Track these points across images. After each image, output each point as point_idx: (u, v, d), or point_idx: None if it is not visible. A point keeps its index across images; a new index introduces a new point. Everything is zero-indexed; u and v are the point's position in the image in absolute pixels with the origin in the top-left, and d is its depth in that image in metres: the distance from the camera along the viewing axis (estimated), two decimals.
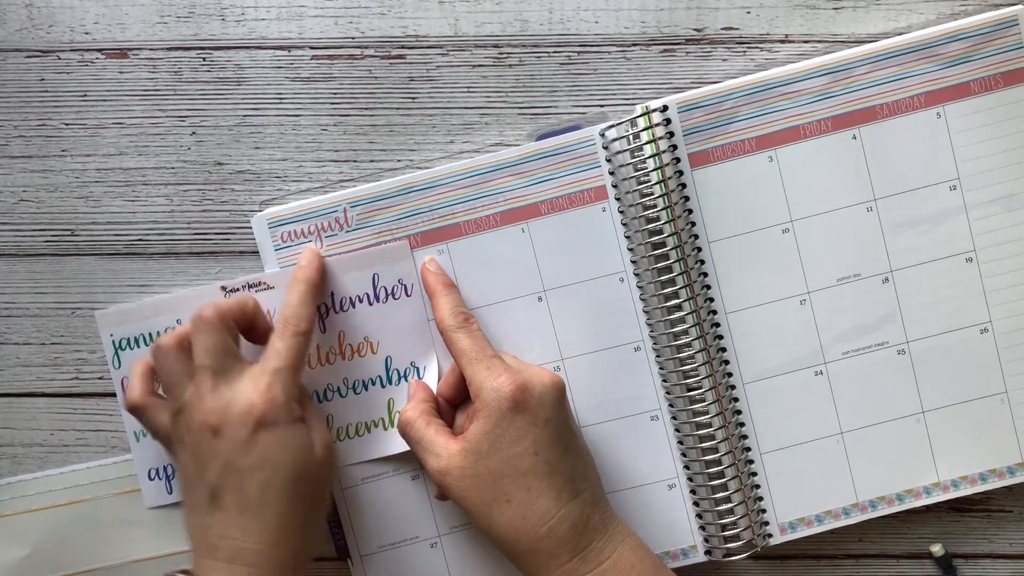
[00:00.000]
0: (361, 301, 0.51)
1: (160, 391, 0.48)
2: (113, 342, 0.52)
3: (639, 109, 0.50)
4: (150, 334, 0.52)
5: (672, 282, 0.50)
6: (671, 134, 0.50)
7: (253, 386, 0.44)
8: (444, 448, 0.46)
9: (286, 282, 0.50)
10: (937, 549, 0.53)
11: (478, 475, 0.45)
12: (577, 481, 0.45)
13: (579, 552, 0.44)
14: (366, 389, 0.51)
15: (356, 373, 0.51)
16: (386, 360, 0.51)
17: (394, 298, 0.51)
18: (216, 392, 0.44)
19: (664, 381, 0.51)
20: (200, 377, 0.45)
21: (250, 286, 0.51)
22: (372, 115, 0.52)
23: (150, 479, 0.52)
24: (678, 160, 0.50)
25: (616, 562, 0.45)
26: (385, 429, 0.51)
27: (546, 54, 0.52)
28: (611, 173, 0.51)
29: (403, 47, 0.52)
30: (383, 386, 0.51)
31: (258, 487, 0.43)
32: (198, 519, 0.44)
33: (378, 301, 0.51)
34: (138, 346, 0.52)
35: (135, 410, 0.48)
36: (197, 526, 0.44)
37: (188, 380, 0.45)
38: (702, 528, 0.52)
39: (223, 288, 0.51)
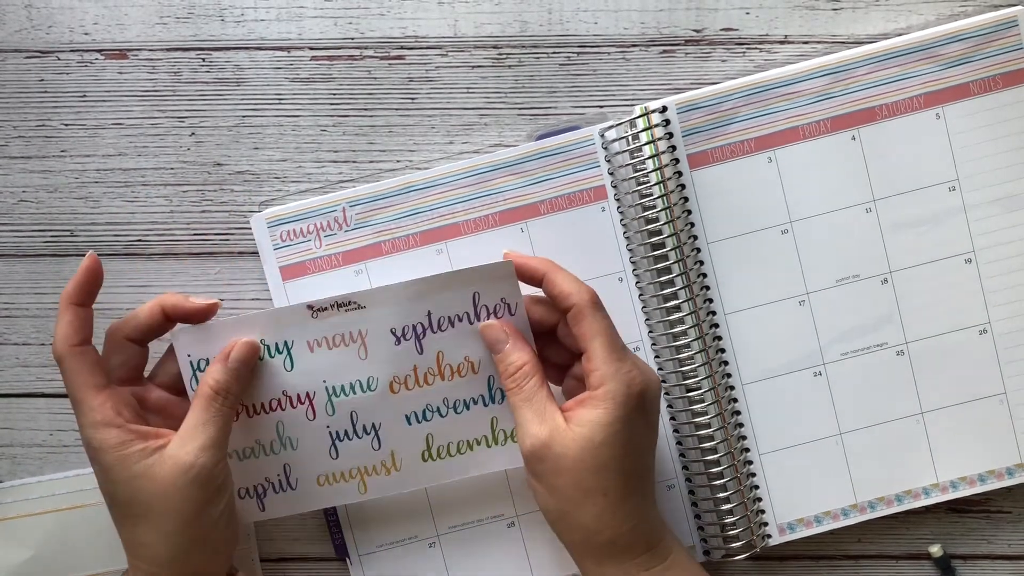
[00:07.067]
0: (461, 320, 0.48)
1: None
2: (191, 363, 0.47)
3: (638, 110, 0.50)
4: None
5: (671, 283, 0.50)
6: (670, 135, 0.50)
7: None
8: (552, 419, 0.44)
9: (378, 301, 0.47)
10: (936, 550, 0.53)
11: (582, 460, 0.43)
12: (653, 483, 0.47)
13: (652, 547, 0.45)
14: (467, 408, 0.49)
15: (456, 393, 0.49)
16: (488, 380, 0.49)
17: (496, 317, 0.48)
18: None
19: (663, 382, 0.51)
20: None
21: (338, 305, 0.47)
22: (371, 115, 0.52)
23: (240, 497, 0.49)
24: (677, 161, 0.50)
25: (677, 558, 0.45)
26: (488, 447, 0.49)
27: (545, 55, 0.52)
28: (610, 173, 0.51)
29: (402, 48, 0.52)
30: (486, 405, 0.49)
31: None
32: None
33: (479, 320, 0.48)
34: None
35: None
36: None
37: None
38: (701, 528, 0.52)
39: (309, 307, 0.47)
